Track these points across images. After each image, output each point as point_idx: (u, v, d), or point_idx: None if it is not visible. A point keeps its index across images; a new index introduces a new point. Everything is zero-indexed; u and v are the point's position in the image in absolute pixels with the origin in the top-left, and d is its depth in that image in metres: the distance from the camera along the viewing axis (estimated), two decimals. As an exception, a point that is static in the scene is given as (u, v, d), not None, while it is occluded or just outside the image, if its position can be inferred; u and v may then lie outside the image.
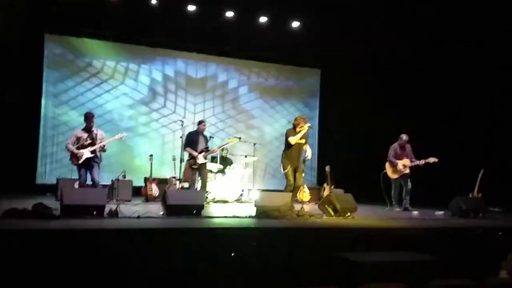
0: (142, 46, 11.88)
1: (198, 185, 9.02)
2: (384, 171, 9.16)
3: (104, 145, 7.89)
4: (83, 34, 11.24)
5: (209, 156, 11.05)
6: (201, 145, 8.90)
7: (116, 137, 8.20)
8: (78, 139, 7.86)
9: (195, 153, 8.76)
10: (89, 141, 7.84)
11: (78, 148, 7.78)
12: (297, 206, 7.52)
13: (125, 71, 11.78)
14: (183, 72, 12.35)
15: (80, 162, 7.77)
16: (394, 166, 9.02)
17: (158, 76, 12.09)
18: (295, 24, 12.02)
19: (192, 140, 8.86)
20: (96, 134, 7.91)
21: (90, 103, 11.25)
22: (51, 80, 11.09)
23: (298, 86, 13.60)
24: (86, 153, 7.75)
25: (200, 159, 8.78)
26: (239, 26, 11.75)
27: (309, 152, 7.93)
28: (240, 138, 10.06)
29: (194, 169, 8.85)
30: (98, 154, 7.88)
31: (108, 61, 11.59)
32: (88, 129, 7.93)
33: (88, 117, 7.96)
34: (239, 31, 11.85)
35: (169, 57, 12.20)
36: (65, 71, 11.21)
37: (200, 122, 9.12)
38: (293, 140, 7.60)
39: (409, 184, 8.98)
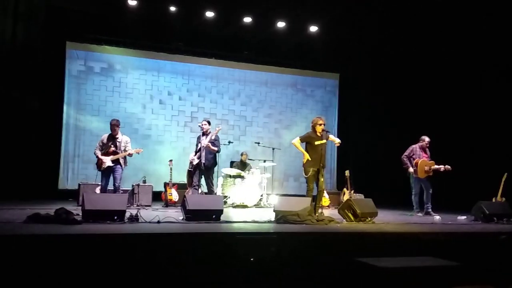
0: (161, 52, 12.03)
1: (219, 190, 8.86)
2: (415, 168, 8.91)
3: (126, 155, 8.00)
4: (103, 42, 11.43)
5: (228, 161, 11.21)
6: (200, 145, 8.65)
7: (133, 151, 8.08)
8: (104, 144, 8.09)
9: (191, 157, 8.82)
10: (112, 149, 8.02)
11: (103, 154, 7.95)
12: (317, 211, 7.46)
13: (145, 77, 11.93)
14: (202, 78, 12.44)
15: (101, 169, 7.98)
16: (417, 166, 8.78)
17: (177, 82, 12.21)
18: (313, 28, 12.00)
19: (196, 144, 8.86)
20: (120, 142, 8.05)
21: (110, 109, 11.44)
22: (73, 86, 11.29)
23: (316, 90, 13.56)
24: (108, 162, 7.93)
25: (195, 160, 8.69)
26: (258, 32, 11.80)
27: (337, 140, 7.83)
28: (219, 126, 9.31)
29: (191, 172, 8.80)
30: (121, 162, 8.02)
31: (128, 68, 11.78)
32: (112, 136, 8.09)
33: (112, 124, 8.10)
34: (257, 37, 11.90)
35: (188, 63, 12.31)
36: (86, 78, 11.41)
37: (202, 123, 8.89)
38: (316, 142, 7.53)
39: (431, 188, 8.85)
